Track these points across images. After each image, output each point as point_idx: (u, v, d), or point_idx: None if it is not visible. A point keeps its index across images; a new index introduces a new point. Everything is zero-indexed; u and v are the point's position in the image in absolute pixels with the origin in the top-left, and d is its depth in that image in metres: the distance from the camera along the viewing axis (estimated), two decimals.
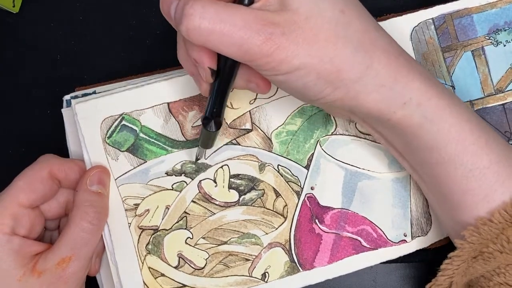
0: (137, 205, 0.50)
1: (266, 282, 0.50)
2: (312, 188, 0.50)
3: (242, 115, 0.51)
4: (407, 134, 0.42)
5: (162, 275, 0.49)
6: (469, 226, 0.42)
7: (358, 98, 0.40)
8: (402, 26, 0.52)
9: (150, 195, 0.50)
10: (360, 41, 0.39)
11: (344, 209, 0.50)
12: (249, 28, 0.37)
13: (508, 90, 0.52)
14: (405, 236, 0.50)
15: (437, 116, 0.41)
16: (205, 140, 0.46)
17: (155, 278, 0.49)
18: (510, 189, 0.41)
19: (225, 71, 0.42)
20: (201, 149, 0.48)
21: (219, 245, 0.50)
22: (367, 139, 0.51)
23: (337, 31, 0.39)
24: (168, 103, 0.50)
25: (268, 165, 0.51)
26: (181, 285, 0.49)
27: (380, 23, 0.51)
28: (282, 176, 0.51)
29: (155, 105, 0.50)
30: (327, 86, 0.39)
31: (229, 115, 0.51)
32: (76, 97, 0.51)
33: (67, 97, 0.52)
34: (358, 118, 0.45)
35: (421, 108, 0.41)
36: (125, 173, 0.50)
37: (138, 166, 0.50)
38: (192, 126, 0.50)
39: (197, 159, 0.50)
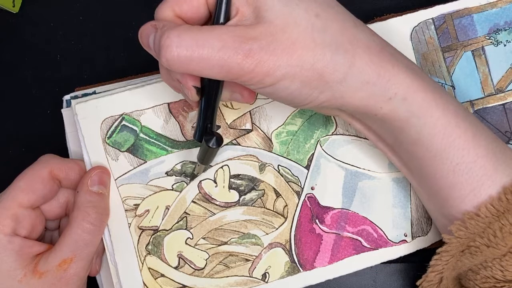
0: (137, 205, 0.50)
1: (267, 282, 0.50)
2: (312, 188, 0.50)
3: (242, 115, 0.51)
4: (395, 128, 0.42)
5: (162, 275, 0.49)
6: (456, 221, 0.42)
7: (344, 97, 0.40)
8: (402, 26, 0.52)
9: (150, 195, 0.50)
10: (339, 42, 0.39)
11: (345, 209, 0.50)
12: (227, 48, 0.37)
13: (508, 90, 0.52)
14: (406, 236, 0.50)
15: (423, 110, 0.41)
16: (205, 156, 0.46)
17: (155, 279, 0.49)
18: (496, 183, 0.41)
19: (211, 87, 0.42)
20: (200, 166, 0.48)
21: (219, 245, 0.50)
22: (368, 139, 0.51)
23: (314, 36, 0.39)
24: (168, 103, 0.50)
25: (268, 165, 0.50)
26: (181, 285, 0.49)
27: (380, 23, 0.51)
28: (283, 176, 0.50)
29: (155, 105, 0.50)
30: (313, 91, 0.40)
31: (229, 115, 0.51)
32: (76, 97, 0.51)
33: (67, 97, 0.52)
34: (346, 115, 0.45)
35: (406, 102, 0.40)
36: (125, 173, 0.50)
37: (138, 166, 0.50)
38: (192, 127, 0.50)
39: (194, 175, 0.50)
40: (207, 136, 0.43)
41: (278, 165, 0.51)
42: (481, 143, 0.41)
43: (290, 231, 0.50)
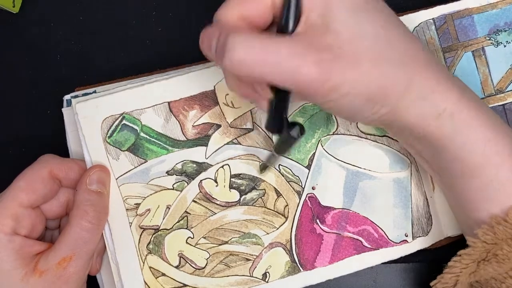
0: (138, 204, 0.50)
1: (267, 282, 0.50)
2: (313, 188, 0.50)
3: (243, 114, 0.51)
4: (437, 146, 0.42)
5: (163, 274, 0.49)
6: (483, 224, 0.41)
7: (400, 113, 0.40)
8: None
9: (151, 194, 0.50)
10: (401, 56, 0.39)
11: (346, 209, 0.50)
12: (297, 55, 0.36)
13: (508, 91, 0.52)
14: (406, 236, 0.50)
15: (466, 127, 0.41)
16: (286, 147, 0.45)
17: (156, 278, 0.49)
18: None
19: None
20: (275, 157, 0.47)
21: (220, 244, 0.50)
22: (369, 139, 0.51)
23: (380, 50, 0.38)
24: (168, 102, 0.50)
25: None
26: (182, 284, 0.49)
27: None
28: (283, 176, 0.50)
29: (156, 104, 0.50)
30: (374, 105, 0.39)
31: (230, 114, 0.51)
32: (76, 96, 0.51)
33: (67, 96, 0.52)
34: (391, 131, 0.45)
35: (453, 119, 0.40)
36: (126, 172, 0.50)
37: (139, 165, 0.50)
38: (192, 125, 0.50)
39: (265, 166, 0.49)
40: (290, 127, 0.41)
41: (279, 164, 0.51)
42: None
43: (291, 231, 0.50)
